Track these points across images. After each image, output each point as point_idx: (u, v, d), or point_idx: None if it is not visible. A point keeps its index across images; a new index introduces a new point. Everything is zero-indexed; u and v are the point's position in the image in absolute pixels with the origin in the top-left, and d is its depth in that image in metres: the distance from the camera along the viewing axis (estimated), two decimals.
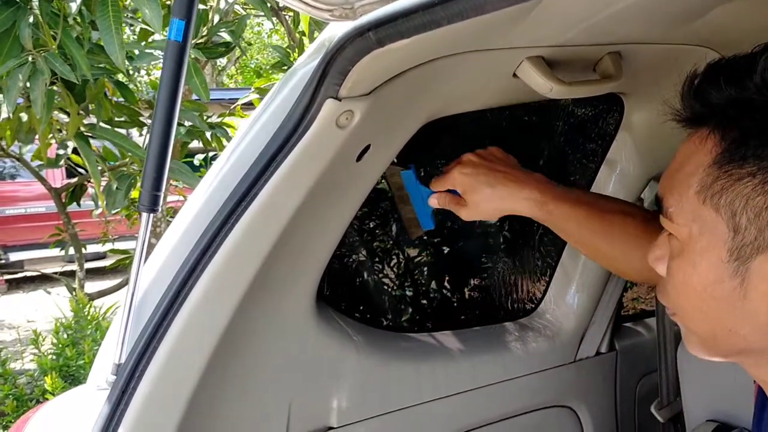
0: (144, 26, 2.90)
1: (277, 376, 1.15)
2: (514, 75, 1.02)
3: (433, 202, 1.15)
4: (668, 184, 0.73)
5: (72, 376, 3.44)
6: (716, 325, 0.71)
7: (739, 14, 0.98)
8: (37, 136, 2.96)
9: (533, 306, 1.58)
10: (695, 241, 0.69)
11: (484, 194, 1.08)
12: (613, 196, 1.43)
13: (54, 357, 3.53)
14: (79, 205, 3.81)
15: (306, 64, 0.90)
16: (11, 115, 2.53)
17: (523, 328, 1.53)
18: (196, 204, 0.93)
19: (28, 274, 8.00)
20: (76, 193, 3.76)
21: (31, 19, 2.15)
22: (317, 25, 3.36)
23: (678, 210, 0.70)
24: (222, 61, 10.85)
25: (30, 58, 2.19)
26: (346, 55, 0.74)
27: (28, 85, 2.23)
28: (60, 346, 3.57)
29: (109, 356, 0.92)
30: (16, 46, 2.20)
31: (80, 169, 3.82)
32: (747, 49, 0.70)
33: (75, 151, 3.15)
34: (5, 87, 2.20)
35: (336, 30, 0.80)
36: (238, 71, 16.20)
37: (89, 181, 3.64)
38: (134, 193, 3.28)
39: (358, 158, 0.99)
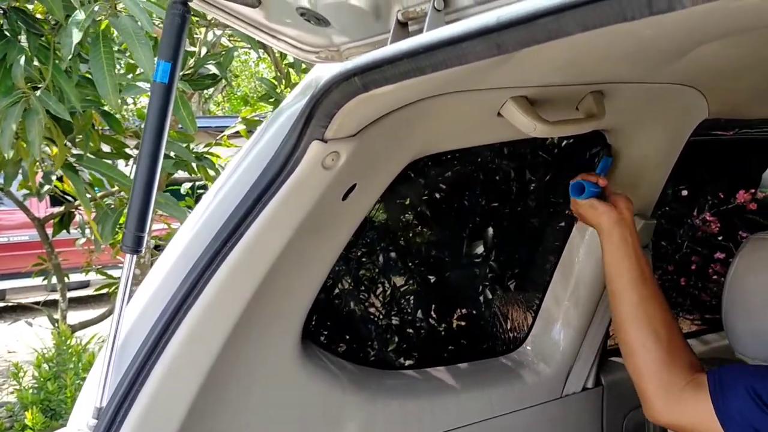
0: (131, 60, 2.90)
1: (262, 419, 1.13)
2: (499, 114, 1.03)
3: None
4: None
5: (53, 410, 3.38)
6: None
7: (722, 54, 0.99)
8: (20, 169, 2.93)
9: (519, 341, 1.58)
10: None
11: None
12: None
13: (35, 391, 3.47)
14: (68, 232, 3.76)
15: (292, 104, 0.91)
16: (7, 156, 2.47)
17: (509, 363, 1.52)
18: (182, 243, 0.93)
19: (10, 303, 7.89)
20: (63, 221, 3.72)
21: (22, 60, 2.10)
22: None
23: None
24: (209, 90, 10.87)
25: (22, 95, 2.14)
26: (332, 99, 0.75)
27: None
28: (41, 379, 3.51)
29: (91, 398, 0.91)
30: (7, 82, 2.15)
31: (67, 197, 3.78)
32: (729, 87, 0.71)
33: (60, 178, 3.12)
34: None
35: (323, 71, 0.81)
36: (225, 99, 16.22)
37: (76, 209, 3.61)
38: (122, 219, 3.25)
39: (344, 197, 0.99)
